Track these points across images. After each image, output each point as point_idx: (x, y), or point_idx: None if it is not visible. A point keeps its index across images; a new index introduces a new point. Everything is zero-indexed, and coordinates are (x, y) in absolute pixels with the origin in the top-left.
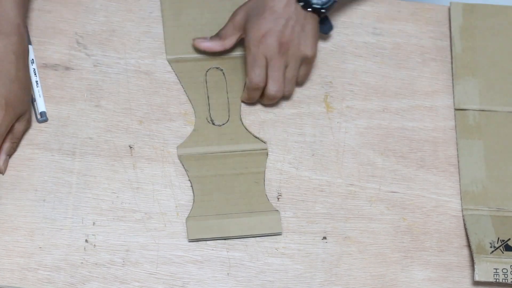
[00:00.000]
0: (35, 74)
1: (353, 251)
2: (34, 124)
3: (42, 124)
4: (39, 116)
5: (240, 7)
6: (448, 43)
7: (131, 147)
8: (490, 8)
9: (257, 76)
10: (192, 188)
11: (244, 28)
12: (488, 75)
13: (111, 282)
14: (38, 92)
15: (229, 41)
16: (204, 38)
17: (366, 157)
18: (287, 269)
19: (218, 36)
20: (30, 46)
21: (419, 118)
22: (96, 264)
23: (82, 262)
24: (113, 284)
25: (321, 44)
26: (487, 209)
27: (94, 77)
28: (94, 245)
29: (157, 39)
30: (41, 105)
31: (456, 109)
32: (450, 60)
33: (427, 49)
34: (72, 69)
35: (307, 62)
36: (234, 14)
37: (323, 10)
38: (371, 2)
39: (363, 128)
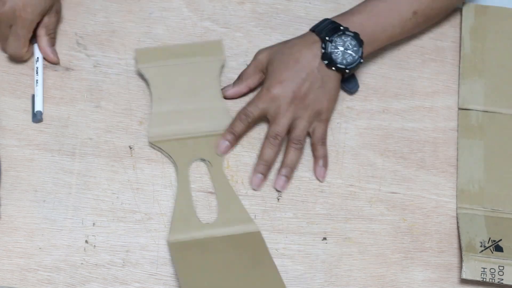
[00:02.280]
0: (37, 73)
1: (353, 252)
2: (34, 125)
3: (42, 125)
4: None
5: (265, 48)
6: (448, 43)
7: (131, 148)
8: (503, 11)
9: (249, 110)
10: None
11: (266, 69)
12: (495, 77)
13: (111, 283)
14: (37, 91)
15: (252, 81)
16: (228, 86)
17: (366, 157)
18: (287, 269)
19: (240, 78)
20: (35, 45)
21: (419, 119)
22: (96, 265)
23: (82, 263)
24: (113, 285)
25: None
26: (482, 209)
27: (94, 78)
28: (94, 245)
29: (157, 39)
30: (38, 104)
31: (459, 109)
32: (450, 61)
33: (427, 50)
34: (72, 69)
35: (320, 120)
36: (257, 54)
37: (347, 71)
38: None
39: (363, 129)
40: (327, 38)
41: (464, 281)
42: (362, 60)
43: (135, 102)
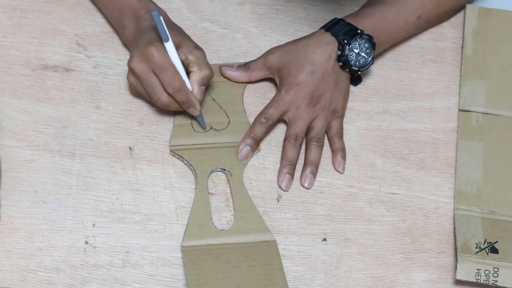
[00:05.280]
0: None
1: (353, 253)
2: (34, 125)
3: (42, 126)
4: None
5: (277, 47)
6: (448, 44)
7: (131, 149)
8: (506, 14)
9: (269, 113)
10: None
11: (278, 71)
12: (496, 79)
13: (111, 283)
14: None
15: (256, 75)
16: (231, 66)
17: (366, 158)
18: (287, 270)
19: (245, 67)
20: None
21: (419, 120)
22: (96, 265)
23: (82, 264)
24: (113, 286)
25: None
26: (479, 210)
27: (94, 79)
28: (94, 246)
29: None
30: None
31: (460, 110)
32: (450, 62)
33: (427, 51)
34: (72, 70)
35: (337, 116)
36: (269, 52)
37: (359, 72)
38: None
39: (363, 130)
40: (345, 41)
41: (459, 282)
42: (373, 62)
43: (135, 103)
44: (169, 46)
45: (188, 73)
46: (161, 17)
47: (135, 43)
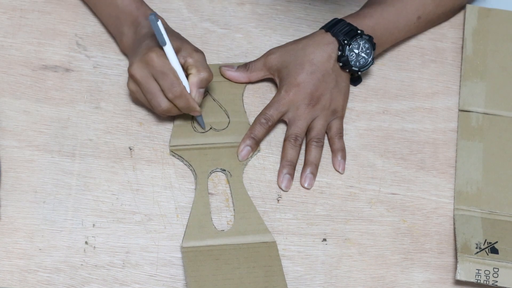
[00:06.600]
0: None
1: (353, 253)
2: (33, 125)
3: (42, 126)
4: None
5: (277, 48)
6: (448, 44)
7: (131, 149)
8: (506, 14)
9: (269, 113)
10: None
11: (278, 71)
12: (496, 80)
13: (111, 284)
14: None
15: (255, 75)
16: (231, 67)
17: (366, 159)
18: (287, 271)
19: (245, 67)
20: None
21: (419, 120)
22: (96, 266)
23: (82, 264)
24: (113, 286)
25: None
26: (479, 211)
27: (94, 79)
28: (94, 247)
29: None
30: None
31: (460, 110)
32: (450, 62)
33: (427, 51)
34: (72, 70)
35: (337, 117)
36: (269, 53)
37: (359, 72)
38: None
39: (363, 130)
40: (345, 41)
41: (459, 282)
42: (373, 63)
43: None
44: (168, 49)
45: (188, 76)
46: (159, 21)
47: (134, 50)
